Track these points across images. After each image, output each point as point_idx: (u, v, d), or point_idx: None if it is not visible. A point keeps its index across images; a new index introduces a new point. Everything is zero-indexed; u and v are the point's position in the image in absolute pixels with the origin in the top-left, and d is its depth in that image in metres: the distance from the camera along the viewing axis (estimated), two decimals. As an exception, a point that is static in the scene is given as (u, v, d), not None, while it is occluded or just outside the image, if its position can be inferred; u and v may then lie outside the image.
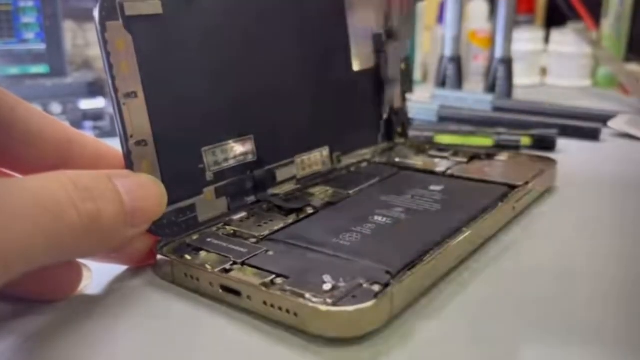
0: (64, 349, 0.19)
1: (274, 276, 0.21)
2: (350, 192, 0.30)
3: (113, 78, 0.22)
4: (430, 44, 0.81)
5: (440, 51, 0.66)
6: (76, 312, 0.21)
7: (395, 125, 0.39)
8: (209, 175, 0.26)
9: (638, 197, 0.33)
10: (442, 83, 0.65)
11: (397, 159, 0.36)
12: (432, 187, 0.30)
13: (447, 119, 0.52)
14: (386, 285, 0.20)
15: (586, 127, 0.47)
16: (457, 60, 0.64)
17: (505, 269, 0.24)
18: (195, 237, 0.24)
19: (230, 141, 0.27)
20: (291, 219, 0.27)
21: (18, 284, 0.17)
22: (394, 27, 0.37)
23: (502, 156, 0.36)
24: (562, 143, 0.44)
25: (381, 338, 0.19)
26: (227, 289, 0.21)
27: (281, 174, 0.30)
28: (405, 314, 0.20)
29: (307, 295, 0.19)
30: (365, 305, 0.18)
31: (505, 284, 0.23)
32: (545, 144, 0.43)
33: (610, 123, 0.49)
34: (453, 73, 0.64)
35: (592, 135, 0.47)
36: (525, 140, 0.43)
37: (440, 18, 0.79)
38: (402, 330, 0.20)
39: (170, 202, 0.23)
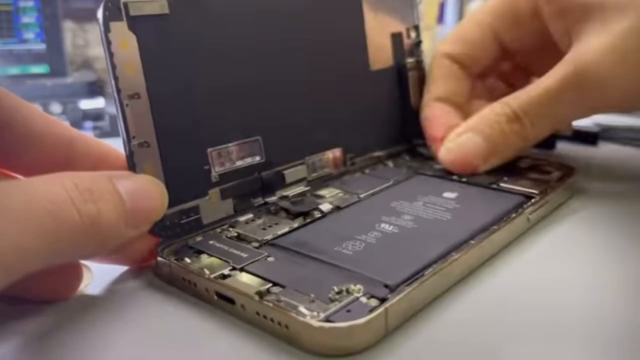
0: (64, 350, 0.19)
1: (270, 285, 0.21)
2: (361, 195, 0.29)
3: (116, 79, 0.22)
4: (430, 44, 0.81)
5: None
6: (76, 312, 0.21)
7: (413, 125, 0.37)
8: (215, 177, 0.26)
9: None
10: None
11: (413, 162, 0.36)
12: (446, 194, 0.29)
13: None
14: (383, 300, 0.19)
15: (584, 130, 0.47)
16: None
17: (512, 285, 0.23)
18: (198, 239, 0.24)
19: (237, 142, 0.27)
20: (297, 222, 0.26)
21: (19, 285, 0.17)
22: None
23: (523, 162, 0.35)
24: (559, 146, 0.44)
25: (375, 352, 0.18)
26: (221, 296, 0.21)
27: (290, 176, 0.29)
28: (403, 327, 0.20)
29: (301, 308, 0.19)
30: (358, 322, 0.18)
31: (509, 302, 0.22)
32: (545, 144, 0.43)
33: (608, 126, 0.49)
34: (453, 74, 0.64)
35: (589, 139, 0.46)
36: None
37: (440, 18, 0.79)
38: (397, 345, 0.19)
39: (174, 203, 0.23)
